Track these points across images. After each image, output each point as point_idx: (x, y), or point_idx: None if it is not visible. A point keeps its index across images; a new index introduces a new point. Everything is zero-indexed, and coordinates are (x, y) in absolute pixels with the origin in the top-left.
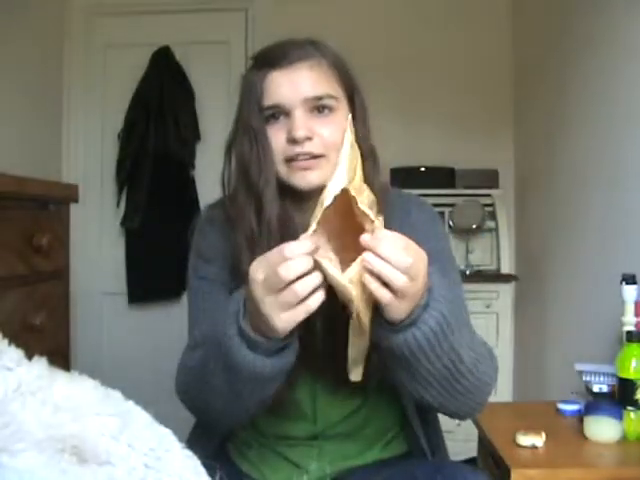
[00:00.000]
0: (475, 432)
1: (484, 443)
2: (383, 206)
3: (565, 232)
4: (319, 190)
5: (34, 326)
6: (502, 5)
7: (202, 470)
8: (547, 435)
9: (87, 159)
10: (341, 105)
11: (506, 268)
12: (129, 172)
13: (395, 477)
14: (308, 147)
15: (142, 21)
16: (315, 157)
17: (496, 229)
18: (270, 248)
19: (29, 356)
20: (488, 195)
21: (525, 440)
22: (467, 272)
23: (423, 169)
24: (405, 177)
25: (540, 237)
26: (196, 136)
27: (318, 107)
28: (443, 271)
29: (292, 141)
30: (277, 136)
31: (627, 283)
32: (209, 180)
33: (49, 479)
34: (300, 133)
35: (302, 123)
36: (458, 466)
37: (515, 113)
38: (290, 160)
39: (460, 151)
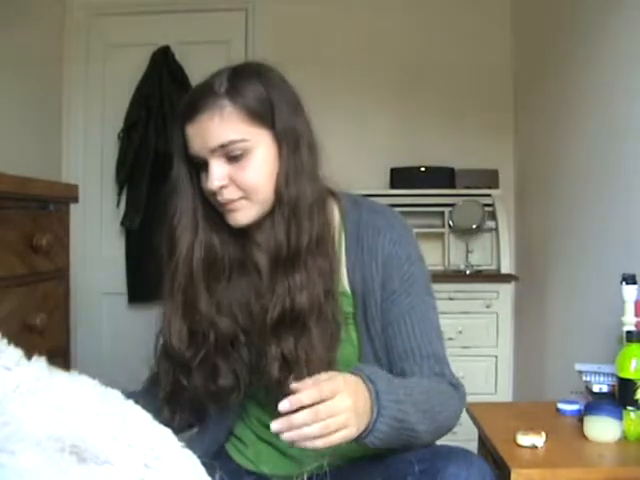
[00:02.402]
0: (475, 432)
1: (484, 443)
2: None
3: (565, 232)
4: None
5: (34, 326)
6: (502, 5)
7: (202, 470)
8: (547, 435)
9: (87, 159)
10: (257, 143)
11: (506, 268)
12: (129, 172)
13: (392, 465)
14: (226, 194)
15: (142, 21)
16: (236, 200)
17: (496, 229)
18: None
19: (29, 356)
20: (488, 195)
21: (525, 440)
22: (467, 272)
23: (423, 169)
24: (405, 177)
25: (540, 237)
26: None
27: (227, 153)
28: (415, 300)
29: (210, 191)
30: (205, 184)
31: (627, 283)
32: None
33: (49, 479)
34: (213, 184)
35: (215, 173)
36: (453, 449)
37: (515, 113)
38: (219, 205)
39: (460, 151)
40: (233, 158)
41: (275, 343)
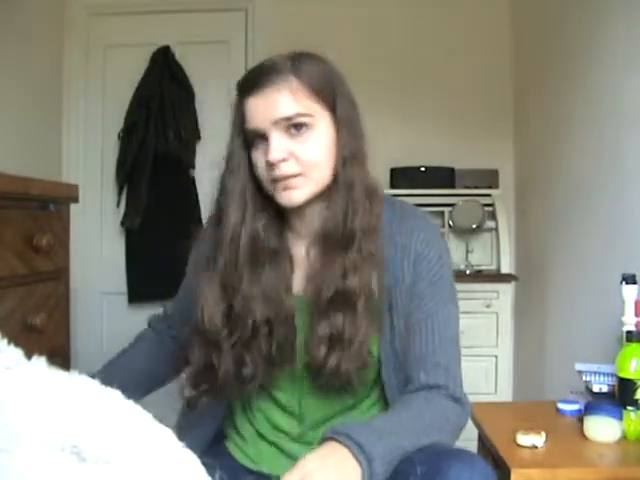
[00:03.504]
0: (475, 432)
1: (484, 443)
2: (369, 211)
3: (565, 232)
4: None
5: (34, 326)
6: (502, 4)
7: (202, 469)
8: (547, 435)
9: (87, 159)
10: (319, 120)
11: (506, 268)
12: (129, 172)
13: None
14: (284, 168)
15: (142, 21)
16: (294, 176)
17: (496, 229)
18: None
19: (29, 356)
20: (488, 195)
21: (525, 440)
22: (467, 272)
23: (423, 169)
24: (405, 177)
25: (540, 237)
26: (196, 136)
27: (293, 126)
28: (439, 305)
29: (269, 164)
30: (260, 159)
31: (627, 283)
32: (209, 180)
33: (49, 479)
34: (274, 156)
35: (276, 146)
36: (455, 450)
37: (515, 113)
38: (273, 181)
39: (460, 151)
40: (295, 132)
41: (325, 323)
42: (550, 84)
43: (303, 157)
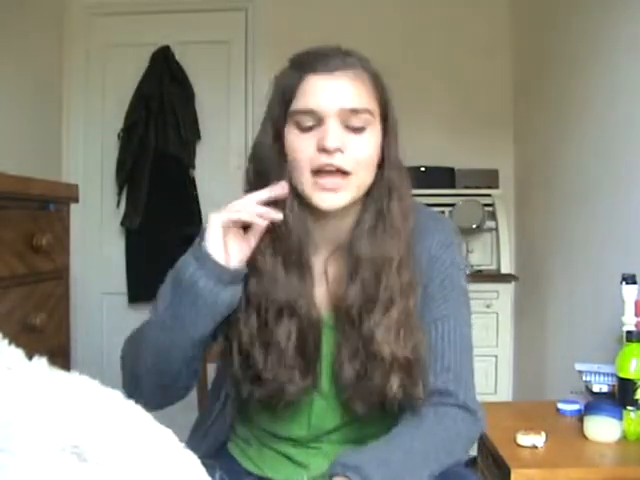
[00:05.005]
0: None
1: (484, 443)
2: (411, 226)
3: (565, 232)
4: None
5: (34, 326)
6: (502, 4)
7: (202, 470)
8: (547, 435)
9: (87, 159)
10: (375, 121)
11: (506, 268)
12: (129, 172)
13: None
14: (338, 160)
15: (142, 21)
16: (342, 174)
17: (496, 229)
18: (290, 254)
19: (29, 356)
20: (488, 195)
21: (525, 440)
22: (467, 272)
23: (423, 169)
24: None
25: (540, 237)
26: (196, 136)
27: (351, 121)
28: (451, 308)
29: (323, 150)
30: (305, 144)
31: (627, 283)
32: (209, 180)
33: (49, 479)
34: (333, 143)
35: (335, 133)
36: (461, 465)
37: (515, 113)
38: (317, 172)
39: (460, 151)
40: (354, 127)
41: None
42: (550, 84)
43: (355, 154)
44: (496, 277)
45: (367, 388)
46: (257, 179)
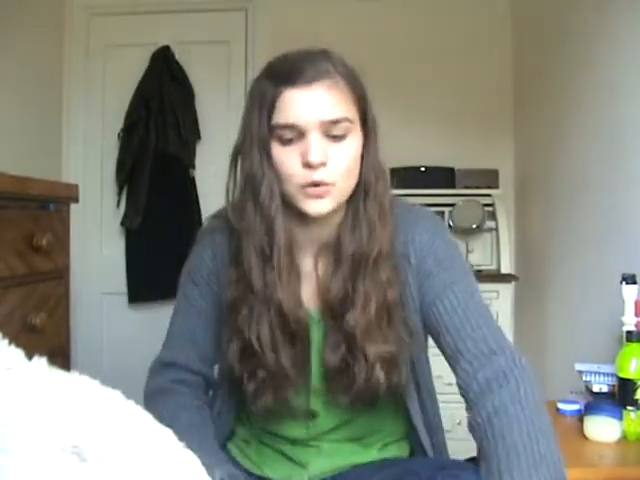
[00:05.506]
0: None
1: None
2: (391, 226)
3: (565, 232)
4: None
5: (34, 326)
6: (502, 4)
7: (202, 470)
8: None
9: (87, 159)
10: (355, 127)
11: (506, 268)
12: (129, 172)
13: (397, 475)
14: (322, 174)
15: (142, 21)
16: (326, 184)
17: (496, 229)
18: (280, 267)
19: (29, 356)
20: (488, 195)
21: None
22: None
23: (423, 169)
24: (405, 177)
25: (540, 237)
26: (196, 136)
27: (332, 131)
28: (455, 276)
29: (307, 166)
30: (290, 158)
31: (627, 283)
32: (209, 180)
33: (48, 479)
34: (316, 158)
35: (317, 147)
36: (461, 465)
37: (515, 113)
38: (303, 186)
39: (460, 151)
40: (334, 136)
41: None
42: (550, 84)
43: (338, 164)
44: (496, 277)
45: (349, 379)
46: (247, 191)
